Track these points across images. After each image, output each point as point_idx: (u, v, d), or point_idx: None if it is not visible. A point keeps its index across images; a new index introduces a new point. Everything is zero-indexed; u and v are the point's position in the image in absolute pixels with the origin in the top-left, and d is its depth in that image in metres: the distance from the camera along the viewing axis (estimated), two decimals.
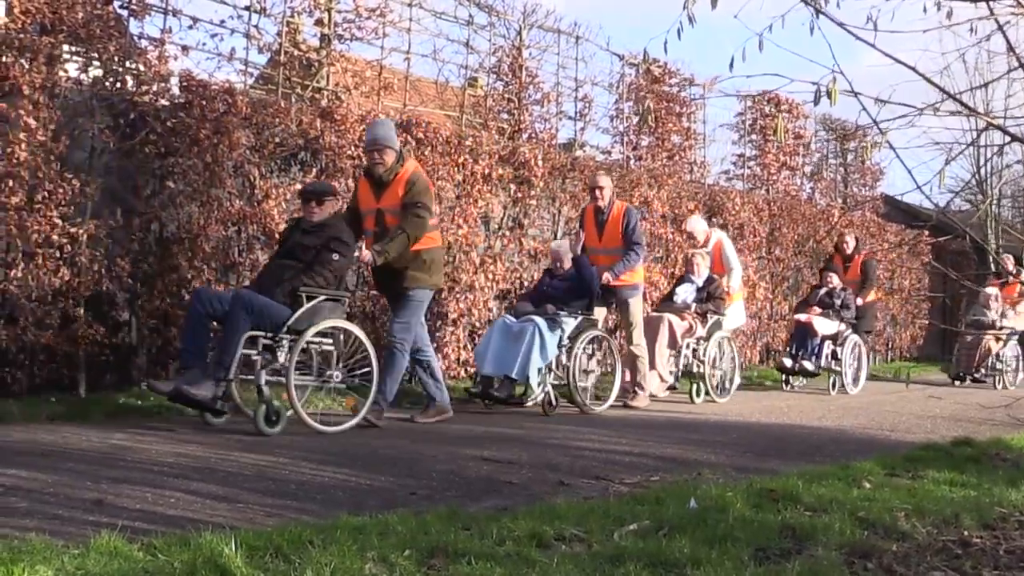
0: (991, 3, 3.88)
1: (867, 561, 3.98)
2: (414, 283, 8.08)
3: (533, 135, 12.52)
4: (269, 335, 7.13)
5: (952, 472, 6.12)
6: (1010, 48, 4.10)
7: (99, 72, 8.41)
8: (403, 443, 6.89)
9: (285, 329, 7.14)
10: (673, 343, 10.70)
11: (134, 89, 8.53)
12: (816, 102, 3.76)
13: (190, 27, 9.26)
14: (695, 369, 10.90)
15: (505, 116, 12.58)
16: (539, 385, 9.03)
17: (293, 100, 9.96)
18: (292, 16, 10.33)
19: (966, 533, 4.52)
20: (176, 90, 8.81)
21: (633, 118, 13.76)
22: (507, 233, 11.51)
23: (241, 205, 8.94)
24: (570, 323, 9.40)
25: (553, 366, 9.28)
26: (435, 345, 10.41)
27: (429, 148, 10.34)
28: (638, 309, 10.30)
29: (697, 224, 12.05)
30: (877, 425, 9.17)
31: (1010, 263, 16.50)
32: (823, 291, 13.12)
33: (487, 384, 9.10)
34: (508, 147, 11.44)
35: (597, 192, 10.23)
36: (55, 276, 7.71)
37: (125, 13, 8.73)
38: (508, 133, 12.21)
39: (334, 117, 9.66)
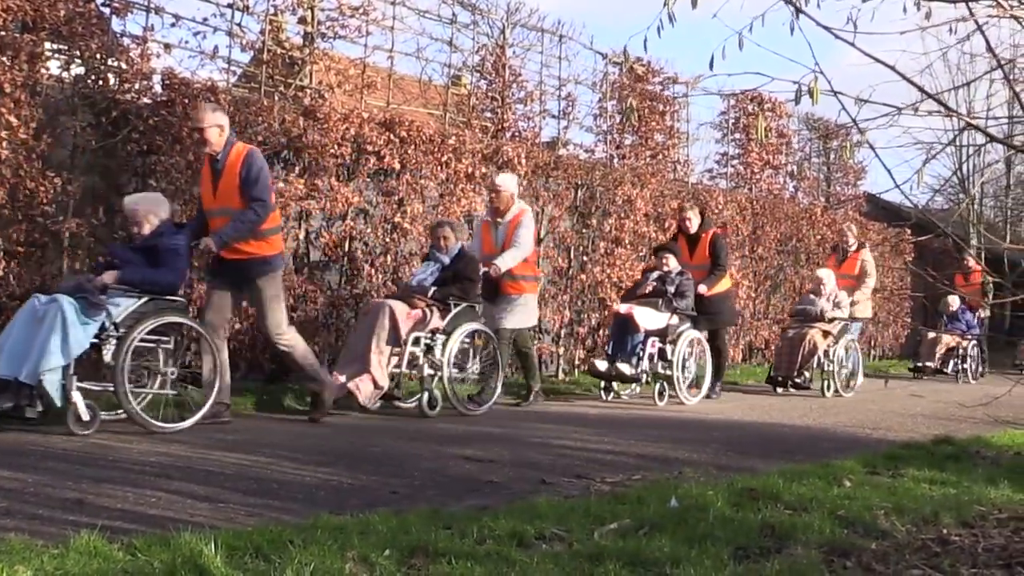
0: (970, 4, 3.90)
1: (846, 559, 3.99)
2: None
3: (516, 134, 12.53)
4: None
5: (932, 470, 6.14)
6: (989, 48, 4.12)
7: (81, 70, 8.40)
8: (387, 442, 6.88)
9: None
10: (396, 338, 8.49)
11: (116, 87, 8.51)
12: (797, 101, 3.77)
13: (172, 25, 9.27)
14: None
15: (488, 114, 12.58)
16: (60, 393, 6.39)
17: (276, 98, 9.94)
18: (275, 14, 10.31)
19: (945, 531, 4.54)
20: (158, 88, 8.80)
21: (616, 117, 13.77)
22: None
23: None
24: (123, 305, 6.85)
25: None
26: None
27: (412, 146, 10.33)
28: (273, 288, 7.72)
29: (506, 182, 9.79)
30: (859, 423, 9.20)
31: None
32: (655, 275, 10.94)
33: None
34: (491, 145, 11.44)
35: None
36: (37, 275, 7.68)
37: (107, 11, 8.70)
38: (491, 131, 12.20)
39: (317, 115, 9.64)
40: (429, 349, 8.68)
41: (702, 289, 10.99)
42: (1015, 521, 4.82)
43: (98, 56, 8.40)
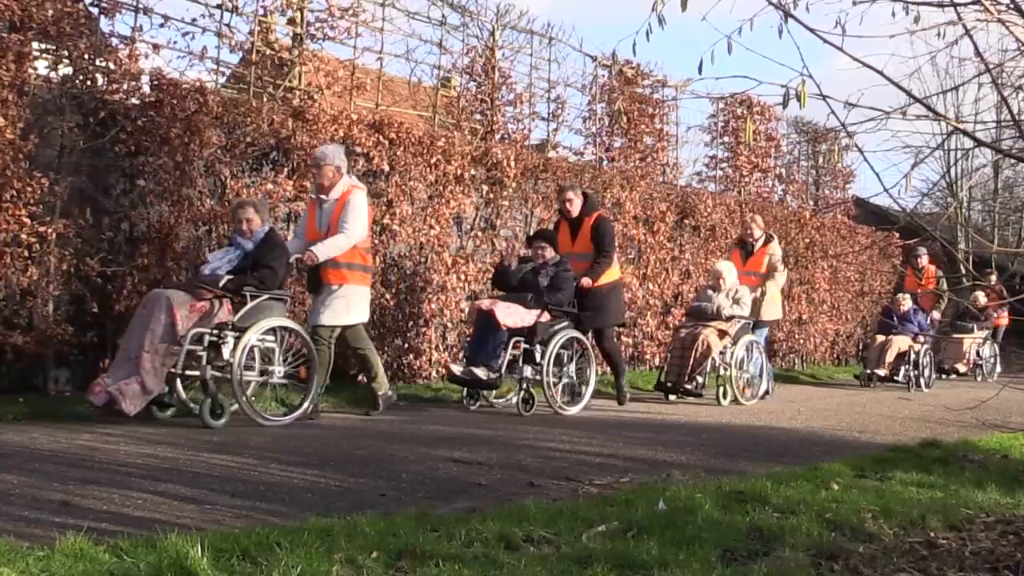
0: (958, 8, 3.91)
1: (834, 562, 4.00)
2: None
3: (506, 136, 12.53)
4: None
5: (920, 473, 6.16)
6: (978, 53, 4.13)
7: (69, 70, 8.37)
8: (374, 443, 6.87)
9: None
10: (173, 335, 7.26)
11: (104, 87, 8.50)
12: (785, 105, 3.78)
13: (161, 25, 9.26)
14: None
15: (478, 116, 12.58)
16: None
17: (265, 99, 9.93)
18: (264, 15, 10.31)
19: (932, 534, 4.55)
20: (147, 89, 8.79)
21: (606, 119, 13.79)
22: (479, 234, 11.50)
23: (212, 205, 8.92)
24: None
25: None
26: (407, 346, 10.43)
27: (401, 148, 10.33)
28: None
29: (329, 153, 8.46)
30: (847, 426, 9.21)
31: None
32: (528, 267, 9.78)
33: None
34: (481, 148, 11.43)
35: None
36: (23, 275, 7.66)
37: (96, 11, 8.68)
38: (481, 134, 12.20)
39: (306, 117, 9.64)
40: (215, 348, 7.42)
41: (585, 282, 9.83)
42: (1002, 524, 4.83)
43: (86, 56, 8.37)
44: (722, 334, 11.02)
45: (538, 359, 9.20)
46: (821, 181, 19.40)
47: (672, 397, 11.07)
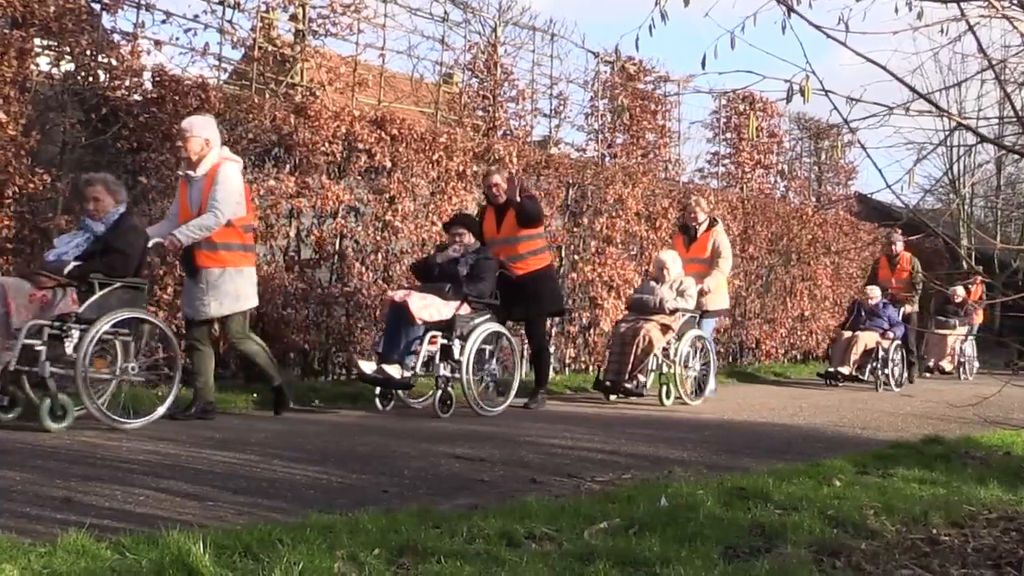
0: (962, 4, 3.90)
1: (836, 559, 3.99)
2: None
3: (508, 132, 12.52)
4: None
5: (922, 470, 6.15)
6: (981, 49, 4.12)
7: (71, 66, 8.37)
8: (376, 440, 6.87)
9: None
10: (7, 327, 6.56)
11: (106, 84, 8.50)
12: (788, 100, 3.77)
13: (163, 22, 9.27)
14: None
15: (480, 113, 12.57)
16: None
17: (267, 96, 9.93)
18: (266, 11, 10.29)
19: (935, 531, 4.55)
20: (149, 85, 8.79)
21: (608, 115, 13.78)
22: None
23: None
24: None
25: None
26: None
27: (404, 145, 10.33)
28: None
29: (195, 125, 7.61)
30: (848, 423, 9.21)
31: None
32: (448, 255, 8.93)
33: None
34: (483, 144, 11.43)
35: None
36: (25, 271, 7.65)
37: (98, 7, 8.69)
38: (483, 130, 12.19)
39: (308, 113, 9.64)
40: (56, 341, 6.65)
41: (513, 270, 9.18)
42: (1004, 521, 4.83)
43: (88, 52, 8.38)
44: (665, 328, 10.23)
45: (457, 355, 8.48)
46: (823, 177, 19.38)
47: (613, 397, 10.33)
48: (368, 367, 8.28)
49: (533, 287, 9.29)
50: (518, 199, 9.09)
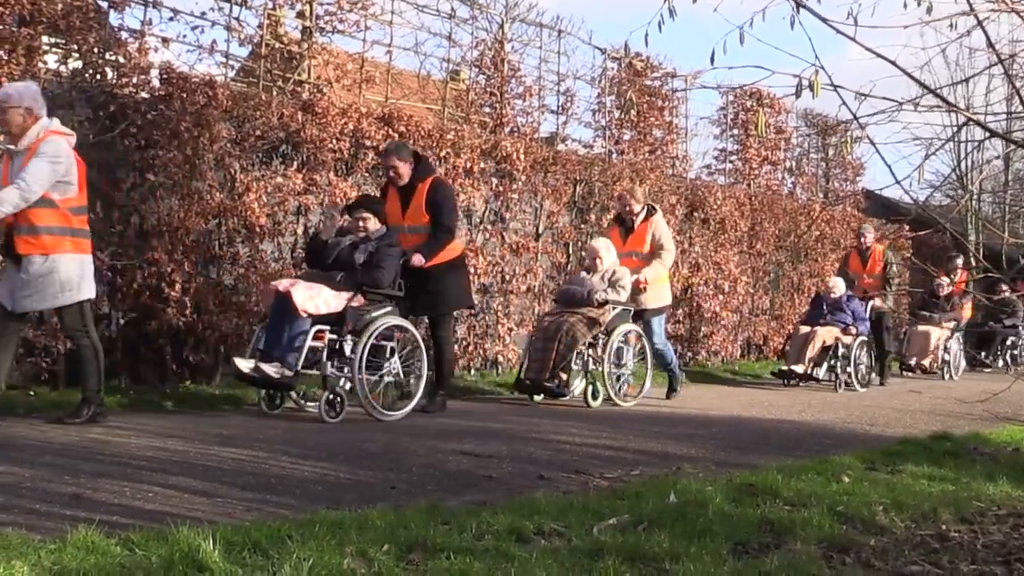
0: None
1: (845, 555, 3.99)
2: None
3: (515, 129, 12.51)
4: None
5: (930, 466, 6.14)
6: (990, 44, 4.11)
7: (79, 64, 8.38)
8: (384, 436, 6.87)
9: None
10: None
11: (114, 81, 8.50)
12: (798, 95, 3.76)
13: (170, 19, 9.26)
14: None
15: (487, 110, 12.57)
16: None
17: (274, 93, 9.93)
18: (273, 8, 10.29)
19: (944, 527, 4.54)
20: (156, 82, 8.78)
21: (615, 112, 13.75)
22: (489, 227, 11.50)
23: (222, 198, 8.92)
24: None
25: None
26: None
27: (411, 141, 10.32)
28: None
29: (14, 93, 6.78)
30: (857, 419, 9.20)
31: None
32: (346, 241, 8.16)
33: None
34: (490, 141, 11.43)
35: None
36: None
37: (105, 5, 8.69)
38: (490, 127, 12.19)
39: (315, 110, 9.64)
40: None
41: (416, 260, 8.21)
42: (1014, 517, 4.82)
43: (96, 50, 8.39)
44: (592, 322, 9.43)
45: (347, 353, 7.62)
46: (831, 174, 19.35)
47: (538, 398, 9.53)
48: (245, 365, 7.37)
49: (441, 281, 8.45)
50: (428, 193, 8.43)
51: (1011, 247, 18.67)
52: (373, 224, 8.13)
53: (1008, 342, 17.72)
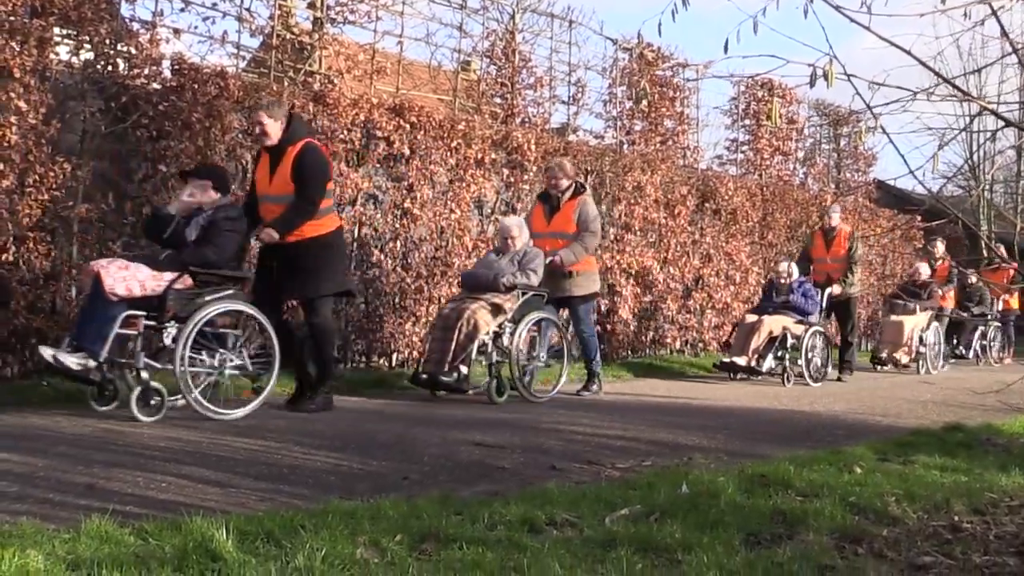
0: None
1: (857, 546, 3.99)
2: None
3: (526, 119, 12.51)
4: None
5: (943, 457, 6.12)
6: (1004, 33, 4.09)
7: (90, 55, 8.39)
8: (396, 427, 6.87)
9: None
10: None
11: (126, 72, 8.52)
12: (812, 84, 3.75)
13: (182, 10, 9.30)
14: None
15: (498, 100, 12.57)
16: None
17: (285, 83, 9.94)
18: None
19: (956, 518, 4.53)
20: (168, 73, 8.79)
21: (626, 103, 13.74)
22: (500, 218, 11.48)
23: (233, 189, 8.91)
24: None
25: None
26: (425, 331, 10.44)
27: (422, 132, 10.33)
28: None
29: None
30: (868, 410, 9.18)
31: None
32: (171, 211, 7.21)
33: None
34: (501, 131, 11.43)
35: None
36: (46, 260, 7.69)
37: None
38: (501, 117, 12.19)
39: (327, 101, 9.65)
40: None
41: (266, 234, 7.30)
42: None
43: (107, 41, 8.39)
44: (496, 309, 8.57)
45: (168, 342, 6.68)
46: (842, 164, 19.30)
47: (441, 393, 8.62)
48: (48, 353, 6.41)
49: (308, 260, 7.40)
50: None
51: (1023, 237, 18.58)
52: (212, 194, 7.14)
53: (978, 331, 16.98)
